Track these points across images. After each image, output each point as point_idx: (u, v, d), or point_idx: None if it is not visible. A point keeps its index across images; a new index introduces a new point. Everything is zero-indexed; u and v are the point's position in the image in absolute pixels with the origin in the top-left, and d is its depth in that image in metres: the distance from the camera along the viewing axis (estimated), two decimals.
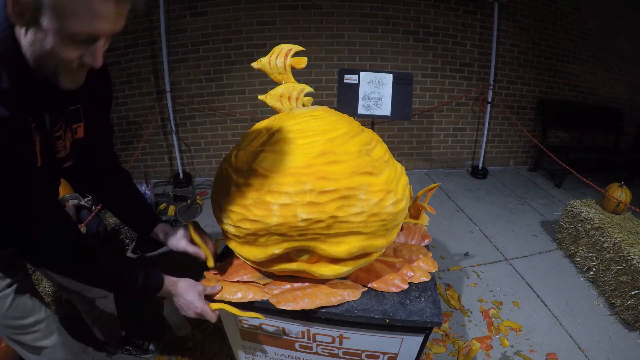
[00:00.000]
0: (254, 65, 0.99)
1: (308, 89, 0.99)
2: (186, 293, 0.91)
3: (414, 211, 1.31)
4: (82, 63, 0.66)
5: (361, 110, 2.69)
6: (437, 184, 1.36)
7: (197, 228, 1.07)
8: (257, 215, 0.79)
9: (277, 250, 0.84)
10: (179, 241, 1.07)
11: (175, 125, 3.49)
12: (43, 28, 0.58)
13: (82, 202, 1.73)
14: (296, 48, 0.98)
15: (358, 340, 1.01)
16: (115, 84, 3.40)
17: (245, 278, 1.01)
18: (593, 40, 3.98)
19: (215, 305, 0.93)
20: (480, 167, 3.82)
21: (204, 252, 1.04)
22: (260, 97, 1.02)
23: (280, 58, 0.96)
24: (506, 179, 3.83)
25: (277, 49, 0.97)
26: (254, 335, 1.11)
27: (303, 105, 0.99)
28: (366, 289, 0.99)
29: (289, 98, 0.98)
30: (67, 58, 0.63)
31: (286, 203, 0.78)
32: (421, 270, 1.06)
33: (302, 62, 0.99)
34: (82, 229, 1.96)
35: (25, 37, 0.61)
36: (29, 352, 1.09)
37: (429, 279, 1.03)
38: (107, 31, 0.63)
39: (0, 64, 0.61)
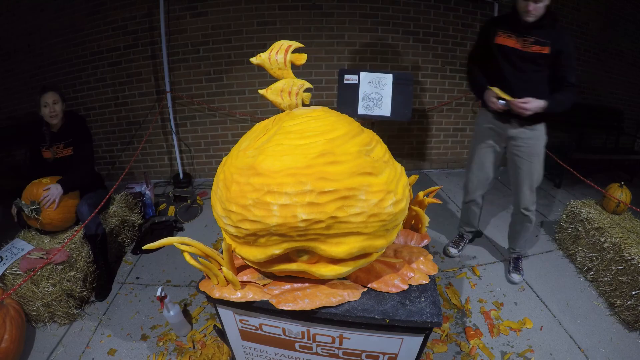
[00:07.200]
0: (253, 60, 0.99)
1: (308, 85, 0.99)
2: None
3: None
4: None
5: (361, 110, 2.69)
6: (439, 186, 1.35)
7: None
8: (257, 216, 0.79)
9: (277, 250, 0.84)
10: None
11: (175, 125, 3.49)
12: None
13: (23, 208, 1.93)
14: (296, 44, 0.98)
15: (358, 340, 1.01)
16: (115, 84, 3.42)
17: (245, 278, 1.02)
18: (593, 40, 3.97)
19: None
20: None
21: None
22: (260, 91, 1.01)
23: (281, 54, 0.96)
24: (506, 179, 3.82)
25: (277, 44, 0.97)
26: (254, 336, 1.11)
27: (302, 101, 1.00)
28: (366, 289, 1.00)
29: (289, 93, 0.97)
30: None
31: (286, 203, 0.78)
32: (421, 272, 1.06)
33: (302, 58, 0.99)
34: (80, 231, 1.99)
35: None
36: None
37: (427, 282, 1.03)
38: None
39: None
